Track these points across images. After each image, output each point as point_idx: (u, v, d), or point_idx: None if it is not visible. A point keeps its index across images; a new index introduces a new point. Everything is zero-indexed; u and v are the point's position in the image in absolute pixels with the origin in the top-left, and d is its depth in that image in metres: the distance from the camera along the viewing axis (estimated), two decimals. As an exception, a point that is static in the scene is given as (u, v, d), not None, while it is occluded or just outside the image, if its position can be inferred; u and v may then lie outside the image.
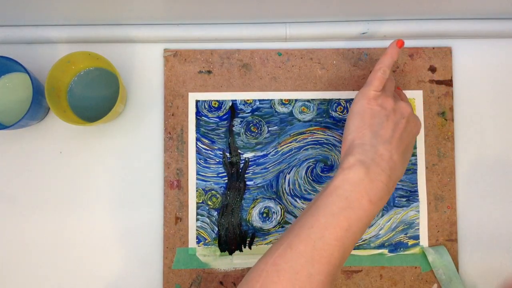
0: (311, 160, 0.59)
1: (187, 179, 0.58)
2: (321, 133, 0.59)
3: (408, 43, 0.60)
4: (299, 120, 0.59)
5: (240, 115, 0.59)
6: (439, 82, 0.60)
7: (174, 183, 0.58)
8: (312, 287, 0.41)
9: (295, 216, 0.58)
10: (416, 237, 0.58)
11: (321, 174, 0.59)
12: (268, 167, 0.59)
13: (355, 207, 0.43)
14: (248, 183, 0.58)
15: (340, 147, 0.59)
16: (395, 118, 0.48)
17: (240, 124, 0.59)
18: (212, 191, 0.58)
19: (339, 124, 0.59)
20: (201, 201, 0.58)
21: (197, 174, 0.58)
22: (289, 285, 0.41)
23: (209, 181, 0.58)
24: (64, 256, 0.58)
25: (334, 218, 0.42)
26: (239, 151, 0.59)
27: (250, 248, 0.58)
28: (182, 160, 0.58)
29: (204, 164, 0.59)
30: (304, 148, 0.59)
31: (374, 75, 0.49)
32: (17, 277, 0.58)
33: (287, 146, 0.59)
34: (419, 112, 0.59)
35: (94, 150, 0.59)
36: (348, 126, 0.48)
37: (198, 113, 0.59)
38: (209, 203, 0.58)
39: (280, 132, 0.59)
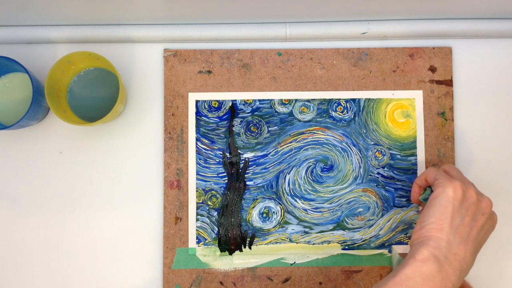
0: (311, 160, 0.59)
1: (187, 179, 0.58)
2: (321, 133, 0.59)
3: (408, 43, 0.60)
4: (299, 120, 0.59)
5: (240, 115, 0.59)
6: (439, 82, 0.60)
7: (174, 183, 0.58)
8: None
9: (295, 216, 0.58)
10: (416, 237, 0.58)
11: (321, 174, 0.59)
12: (268, 167, 0.59)
13: None
14: (248, 183, 0.58)
15: (340, 147, 0.59)
16: (474, 213, 0.48)
17: (240, 124, 0.59)
18: (212, 191, 0.58)
19: (339, 124, 0.59)
20: (201, 201, 0.58)
21: (197, 174, 0.58)
22: None
23: (209, 181, 0.58)
24: (63, 256, 0.58)
25: None
26: (239, 151, 0.59)
27: (250, 248, 0.58)
28: (182, 160, 0.58)
29: (204, 164, 0.59)
30: (304, 148, 0.59)
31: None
32: (17, 276, 0.58)
33: (287, 146, 0.59)
34: (419, 112, 0.59)
35: (94, 150, 0.59)
36: (428, 213, 0.48)
37: (198, 113, 0.59)
38: (209, 203, 0.58)
39: (280, 132, 0.59)
